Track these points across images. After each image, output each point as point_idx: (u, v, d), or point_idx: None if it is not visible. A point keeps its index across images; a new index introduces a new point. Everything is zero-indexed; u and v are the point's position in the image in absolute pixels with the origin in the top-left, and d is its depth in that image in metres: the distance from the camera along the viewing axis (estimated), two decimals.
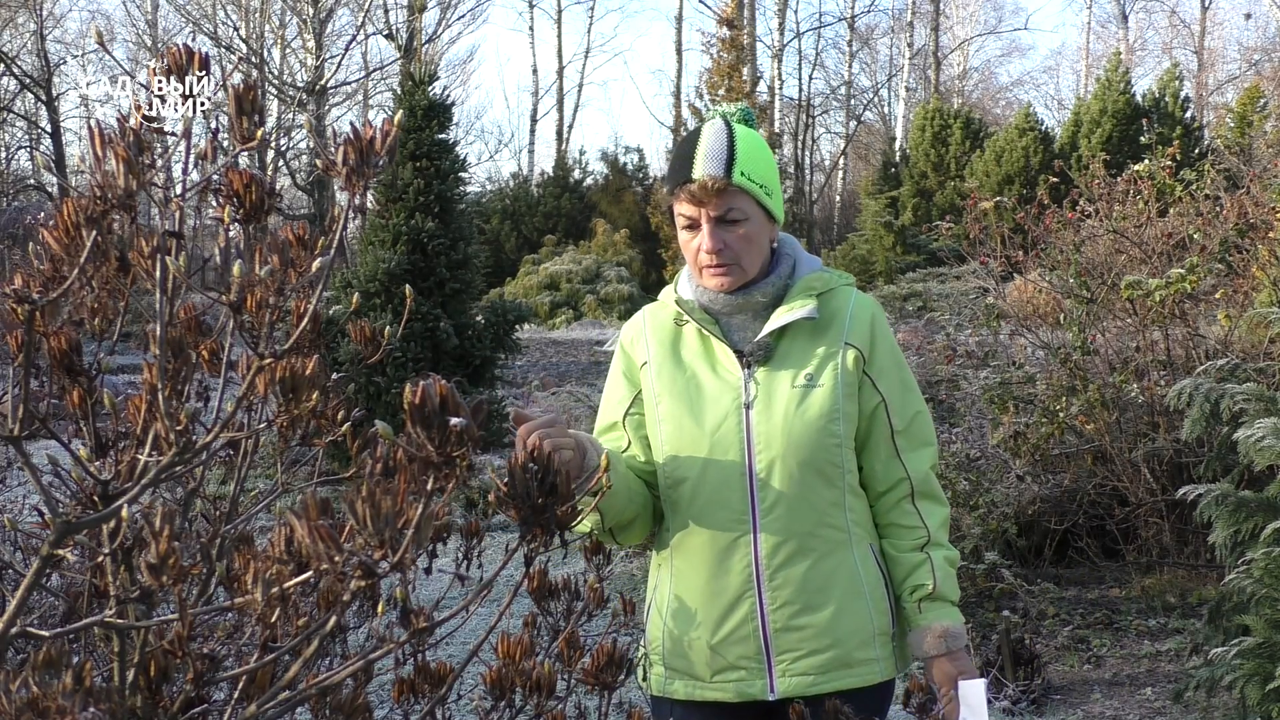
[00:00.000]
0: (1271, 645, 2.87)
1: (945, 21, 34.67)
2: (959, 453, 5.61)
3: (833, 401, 1.84)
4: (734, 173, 1.79)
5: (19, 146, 28.74)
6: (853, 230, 24.70)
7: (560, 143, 32.77)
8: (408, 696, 1.09)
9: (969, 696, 1.89)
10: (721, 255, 1.82)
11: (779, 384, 1.85)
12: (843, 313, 1.90)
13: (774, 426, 1.82)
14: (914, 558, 1.89)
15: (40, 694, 0.74)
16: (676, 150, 1.89)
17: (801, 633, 1.83)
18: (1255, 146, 10.39)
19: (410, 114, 9.10)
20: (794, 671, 1.82)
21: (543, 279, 20.75)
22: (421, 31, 26.48)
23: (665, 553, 1.91)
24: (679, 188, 1.82)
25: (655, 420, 1.88)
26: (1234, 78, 32.75)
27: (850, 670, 1.84)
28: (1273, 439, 2.97)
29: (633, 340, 1.97)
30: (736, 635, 1.83)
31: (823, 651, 1.83)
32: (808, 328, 1.88)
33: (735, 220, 1.82)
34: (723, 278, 1.84)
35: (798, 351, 1.87)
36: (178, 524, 0.78)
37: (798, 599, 1.83)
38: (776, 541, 1.82)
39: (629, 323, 2.00)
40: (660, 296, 2.00)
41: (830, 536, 1.85)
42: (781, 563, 1.82)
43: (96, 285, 0.94)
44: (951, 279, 14.28)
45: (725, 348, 1.88)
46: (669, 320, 1.95)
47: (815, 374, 1.85)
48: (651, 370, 1.90)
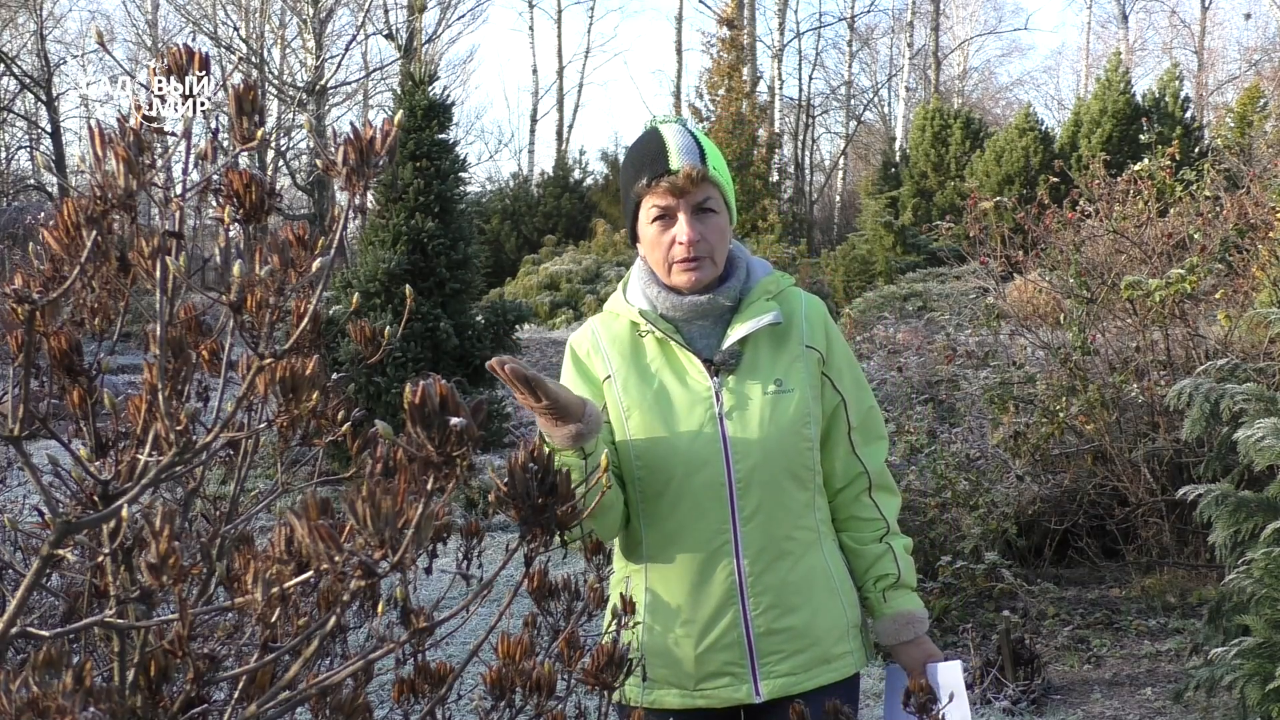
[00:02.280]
0: (1271, 645, 2.87)
1: (945, 21, 34.68)
2: (959, 453, 5.61)
3: (805, 405, 1.85)
4: (708, 165, 1.82)
5: (19, 146, 28.75)
6: (853, 230, 24.69)
7: (560, 143, 32.77)
8: (408, 696, 1.09)
9: (947, 679, 1.91)
10: (697, 247, 1.82)
11: (751, 392, 1.84)
12: (797, 315, 1.92)
13: (750, 435, 1.82)
14: (876, 549, 1.93)
15: (40, 694, 0.74)
16: (639, 149, 1.87)
17: (784, 634, 1.84)
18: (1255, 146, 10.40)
19: (410, 114, 9.10)
20: (778, 673, 1.83)
21: (543, 279, 20.74)
22: (421, 31, 26.47)
23: (639, 565, 1.88)
24: (655, 180, 1.81)
25: (625, 433, 1.85)
26: (1234, 78, 32.75)
27: (829, 665, 1.87)
28: (1273, 439, 2.97)
29: (588, 353, 1.92)
30: (722, 643, 1.83)
31: (804, 651, 1.85)
32: (769, 333, 1.89)
33: (711, 210, 1.83)
34: (694, 272, 1.83)
35: (764, 357, 1.87)
36: (178, 524, 0.78)
37: (780, 602, 1.84)
38: (758, 548, 1.82)
39: (578, 335, 1.96)
40: (609, 306, 1.96)
41: (804, 538, 1.87)
42: (764, 568, 1.83)
43: (96, 285, 0.94)
44: (951, 279, 14.31)
45: (692, 357, 1.86)
46: (625, 331, 1.92)
47: (784, 379, 1.85)
48: (616, 384, 1.87)
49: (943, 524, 5.04)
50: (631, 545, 1.90)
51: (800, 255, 19.82)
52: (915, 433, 5.88)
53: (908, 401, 6.77)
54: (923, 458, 5.48)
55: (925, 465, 5.34)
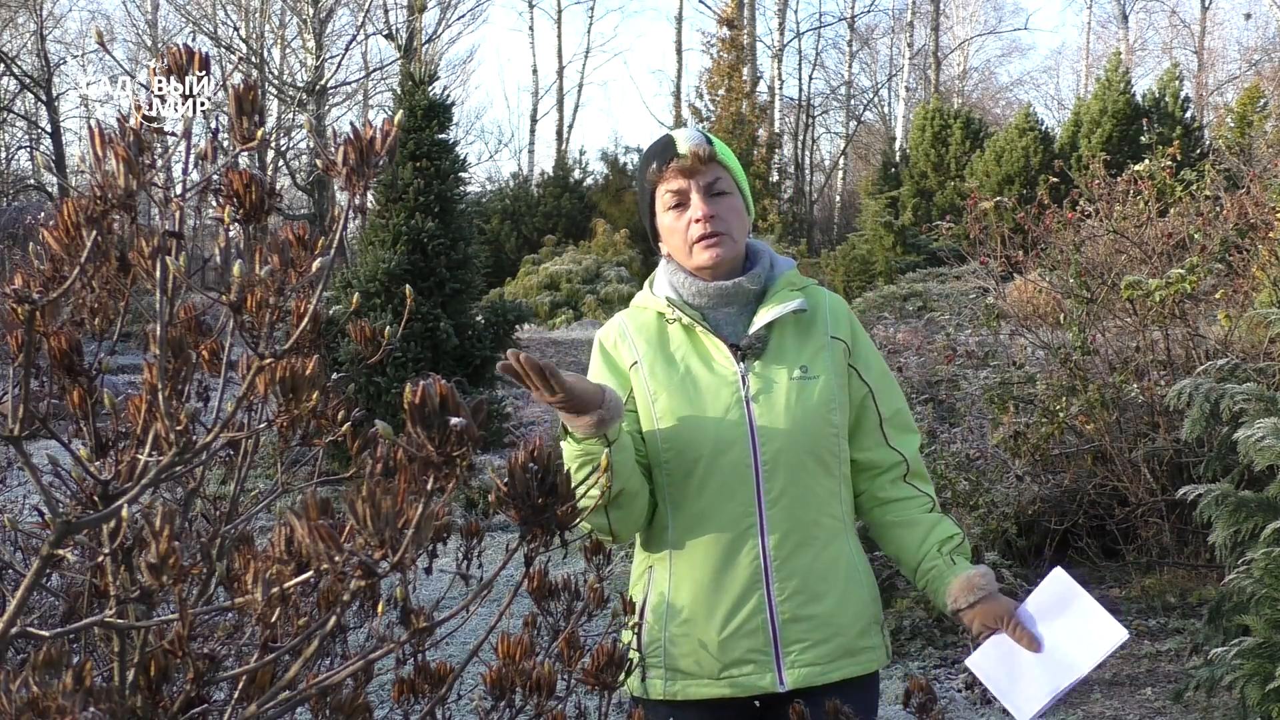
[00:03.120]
0: (1271, 645, 2.87)
1: (945, 21, 34.68)
2: (959, 453, 5.61)
3: (830, 391, 1.88)
4: (714, 148, 1.89)
5: (19, 146, 28.74)
6: (853, 230, 24.68)
7: (560, 143, 32.76)
8: (408, 696, 1.09)
9: (1056, 590, 1.85)
10: (714, 223, 1.86)
11: (777, 376, 1.87)
12: (821, 308, 1.96)
13: (776, 418, 1.84)
14: (932, 517, 1.96)
15: (40, 694, 0.74)
16: (650, 148, 1.95)
17: (809, 622, 1.84)
18: (1255, 146, 10.40)
19: (410, 114, 9.10)
20: (802, 662, 1.83)
21: (543, 279, 20.73)
22: (421, 31, 26.47)
23: (663, 552, 1.89)
24: (665, 165, 1.87)
25: (652, 418, 1.87)
26: (1234, 78, 32.75)
27: (853, 659, 1.87)
28: (1273, 439, 2.97)
29: (615, 343, 1.95)
30: (746, 628, 1.83)
31: (828, 641, 1.85)
32: (794, 321, 1.92)
33: (723, 191, 1.89)
34: (716, 249, 1.87)
35: (790, 344, 1.90)
36: (178, 524, 0.78)
37: (805, 588, 1.84)
38: (783, 532, 1.83)
39: (607, 327, 1.99)
40: (637, 301, 2.00)
41: (829, 525, 1.88)
42: (789, 553, 1.84)
43: (96, 285, 0.94)
44: (951, 279, 14.30)
45: (718, 342, 1.89)
46: (652, 320, 1.95)
47: (810, 365, 1.88)
48: (644, 369, 1.90)
49: None
50: (656, 533, 1.91)
51: (800, 255, 19.83)
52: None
53: (908, 402, 6.76)
54: (923, 458, 5.47)
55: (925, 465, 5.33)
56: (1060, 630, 1.83)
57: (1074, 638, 1.81)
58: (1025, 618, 1.85)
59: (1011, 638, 1.85)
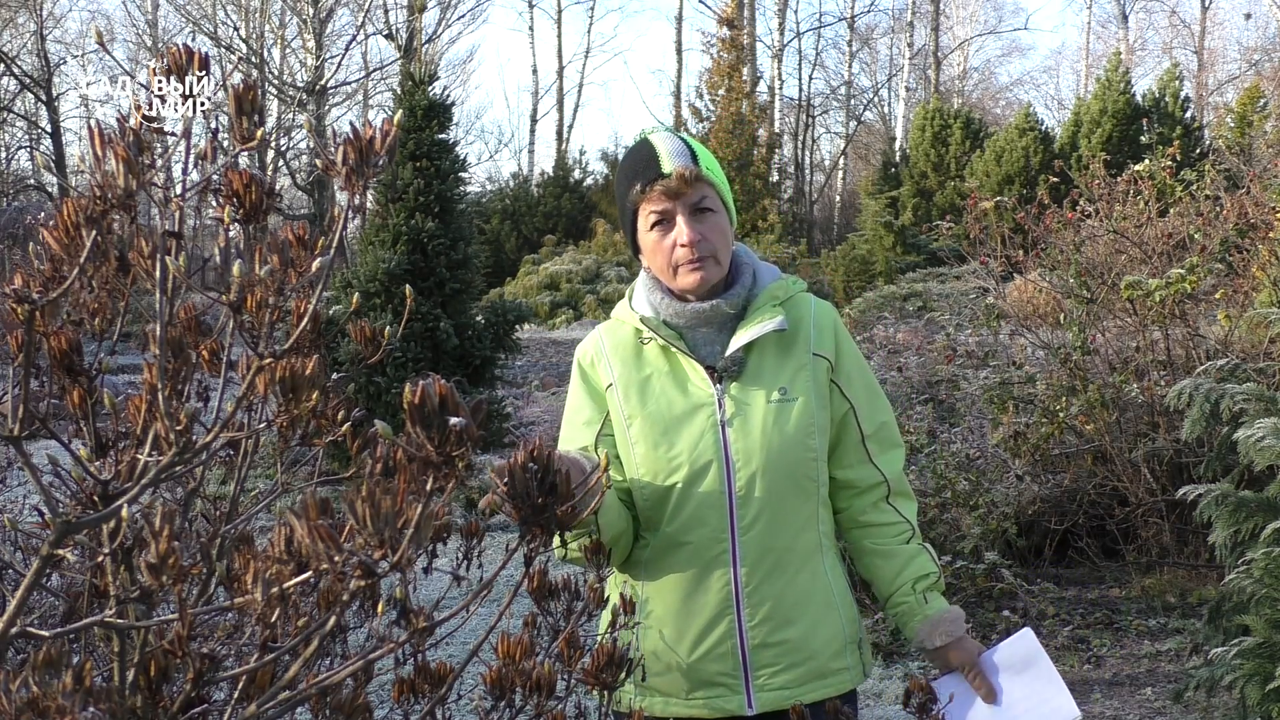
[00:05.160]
0: (1271, 645, 2.87)
1: (945, 21, 34.67)
2: (959, 453, 5.61)
3: (810, 414, 1.83)
4: (700, 165, 1.81)
5: (19, 146, 28.75)
6: (853, 230, 24.68)
7: (560, 143, 32.77)
8: (408, 696, 1.09)
9: (1022, 649, 1.85)
10: (699, 247, 1.80)
11: (754, 399, 1.82)
12: (806, 322, 1.89)
13: (752, 443, 1.80)
14: (910, 549, 1.90)
15: (40, 694, 0.74)
16: (630, 160, 1.87)
17: (779, 648, 1.81)
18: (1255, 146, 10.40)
19: (410, 114, 9.09)
20: (771, 686, 1.81)
21: (543, 279, 20.74)
22: (421, 31, 26.46)
23: (638, 570, 1.87)
24: (649, 186, 1.80)
25: (627, 442, 1.84)
26: (1234, 78, 32.75)
27: (825, 681, 1.84)
28: (1273, 439, 2.97)
29: (593, 362, 1.91)
30: (715, 653, 1.81)
31: (799, 665, 1.82)
32: (775, 339, 1.86)
33: (709, 209, 1.82)
34: (700, 272, 1.81)
35: (769, 365, 1.85)
36: (178, 524, 0.78)
37: (775, 614, 1.82)
38: (755, 558, 1.80)
39: (586, 343, 1.95)
40: (615, 313, 1.95)
41: (804, 550, 1.84)
42: (761, 580, 1.81)
43: (96, 285, 0.93)
44: (951, 279, 14.31)
45: (694, 364, 1.84)
46: (629, 338, 1.90)
47: (789, 387, 1.83)
48: (618, 392, 1.86)
49: (943, 524, 5.04)
50: (634, 550, 1.89)
51: (800, 255, 19.83)
52: (915, 433, 5.88)
53: (908, 401, 6.77)
54: (923, 458, 5.47)
55: (925, 465, 5.34)
56: (1017, 690, 1.85)
57: (1027, 701, 1.84)
58: (988, 666, 1.87)
59: (971, 685, 1.86)
